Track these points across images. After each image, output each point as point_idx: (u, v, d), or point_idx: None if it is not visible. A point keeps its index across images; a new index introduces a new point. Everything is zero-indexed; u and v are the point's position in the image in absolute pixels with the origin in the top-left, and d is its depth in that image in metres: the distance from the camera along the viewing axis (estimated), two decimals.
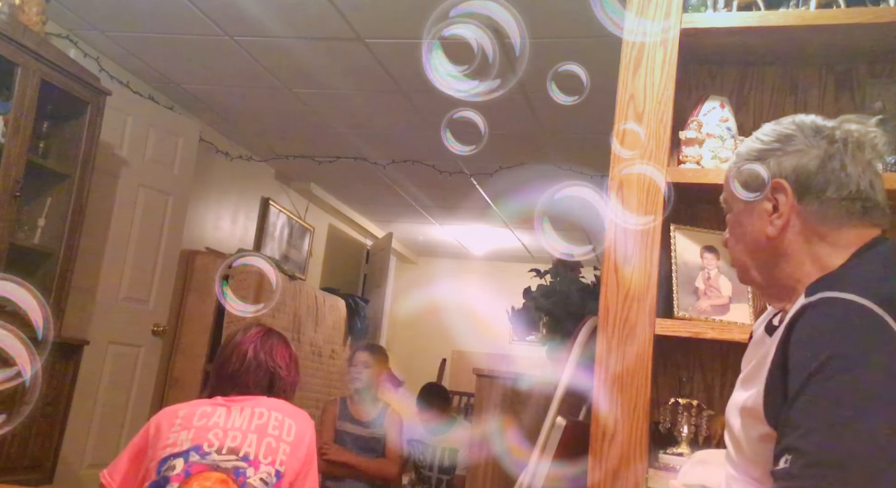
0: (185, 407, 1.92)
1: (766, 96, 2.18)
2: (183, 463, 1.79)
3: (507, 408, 3.32)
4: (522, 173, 5.26)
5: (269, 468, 1.83)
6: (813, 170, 1.15)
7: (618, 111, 1.96)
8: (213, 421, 1.88)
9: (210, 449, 1.82)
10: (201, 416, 1.89)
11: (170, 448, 1.83)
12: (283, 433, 1.91)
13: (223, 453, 1.82)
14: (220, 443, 1.83)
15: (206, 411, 1.91)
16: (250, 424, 1.89)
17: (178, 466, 1.79)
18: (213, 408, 1.92)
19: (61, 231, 3.42)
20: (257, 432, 1.88)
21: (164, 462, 1.81)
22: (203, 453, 1.81)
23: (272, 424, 1.91)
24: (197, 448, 1.82)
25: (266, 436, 1.88)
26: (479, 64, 1.24)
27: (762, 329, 1.24)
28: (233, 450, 1.83)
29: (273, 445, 1.87)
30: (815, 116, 1.21)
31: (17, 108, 3.12)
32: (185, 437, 1.84)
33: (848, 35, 1.93)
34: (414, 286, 9.38)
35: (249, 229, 6.00)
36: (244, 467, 1.81)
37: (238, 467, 1.81)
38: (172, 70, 4.42)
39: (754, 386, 1.11)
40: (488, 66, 1.26)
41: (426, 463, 4.20)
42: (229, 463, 1.81)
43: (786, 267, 1.17)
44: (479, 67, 1.25)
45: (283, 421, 1.93)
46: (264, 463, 1.84)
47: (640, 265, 1.87)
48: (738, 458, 1.17)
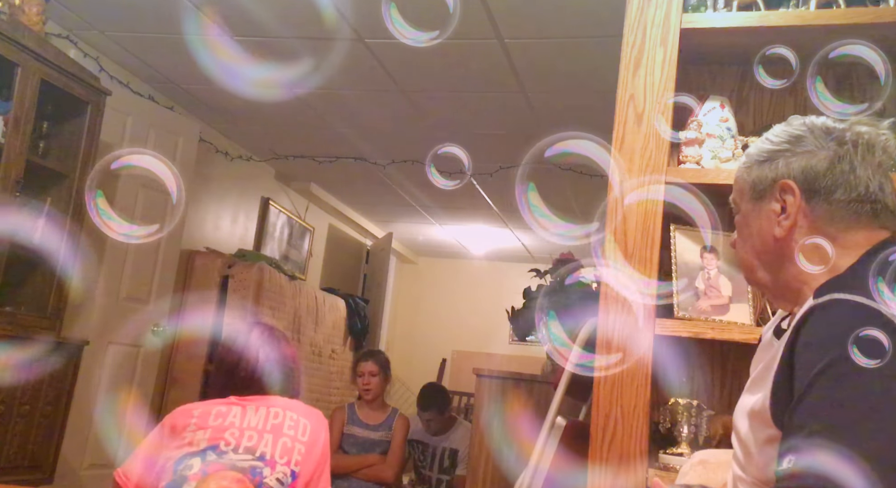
0: (199, 407, 1.92)
1: (766, 96, 2.18)
2: (200, 462, 1.79)
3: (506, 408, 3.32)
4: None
5: (285, 468, 1.84)
6: (821, 171, 1.14)
7: (618, 111, 1.96)
8: (230, 420, 1.88)
9: (227, 448, 1.82)
10: (217, 416, 1.88)
11: (186, 447, 1.82)
12: (299, 433, 1.90)
13: (240, 452, 1.82)
14: (236, 443, 1.83)
15: (221, 411, 1.90)
16: (266, 424, 1.89)
17: (196, 465, 1.79)
18: (229, 408, 1.92)
19: (61, 231, 3.42)
20: (273, 432, 1.88)
21: (180, 461, 1.81)
22: (220, 452, 1.81)
23: (287, 424, 1.91)
24: (214, 447, 1.82)
25: (282, 436, 1.88)
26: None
27: (771, 332, 1.24)
28: (249, 450, 1.83)
29: (289, 445, 1.87)
30: (825, 118, 1.20)
31: (17, 107, 3.12)
32: (201, 437, 1.83)
33: (848, 35, 1.93)
34: (414, 286, 9.39)
35: (249, 229, 6.00)
36: (261, 467, 1.81)
37: (255, 467, 1.81)
38: (172, 70, 4.42)
39: (762, 389, 1.11)
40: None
41: (426, 463, 4.20)
42: (246, 463, 1.81)
43: (793, 268, 1.17)
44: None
45: (297, 420, 1.93)
46: (280, 463, 1.84)
47: (641, 265, 1.87)
48: (745, 461, 1.17)
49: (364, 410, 3.65)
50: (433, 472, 4.17)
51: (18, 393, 3.17)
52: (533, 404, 3.27)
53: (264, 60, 4.02)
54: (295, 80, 4.34)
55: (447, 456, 4.16)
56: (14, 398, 3.15)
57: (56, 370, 3.41)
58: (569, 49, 3.56)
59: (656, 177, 1.91)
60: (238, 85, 3.58)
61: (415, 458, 4.24)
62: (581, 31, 3.40)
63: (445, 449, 4.17)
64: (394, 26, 1.27)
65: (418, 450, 4.23)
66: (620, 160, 1.94)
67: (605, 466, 1.79)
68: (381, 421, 3.63)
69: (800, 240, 1.16)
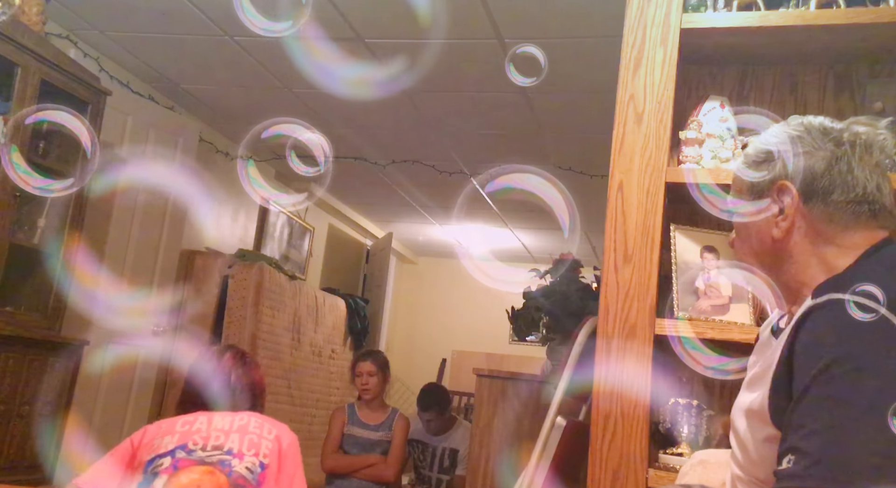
0: (166, 421, 2.03)
1: (766, 96, 2.18)
2: (170, 459, 1.87)
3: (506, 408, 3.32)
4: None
5: (254, 459, 1.91)
6: (819, 172, 1.14)
7: (618, 111, 1.96)
8: (196, 427, 1.97)
9: (195, 447, 1.91)
10: (184, 423, 1.98)
11: (155, 450, 1.91)
12: (265, 432, 1.99)
13: (208, 450, 1.91)
14: (204, 442, 1.92)
15: (188, 419, 2.01)
16: (232, 425, 1.98)
17: (166, 462, 1.87)
18: (195, 417, 2.02)
19: (61, 231, 3.42)
20: (239, 432, 1.97)
21: (150, 463, 1.89)
22: (189, 450, 1.90)
23: (253, 425, 2.00)
24: (182, 447, 1.90)
25: (248, 434, 1.97)
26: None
27: (768, 331, 1.24)
28: (217, 447, 1.92)
29: (255, 440, 1.96)
30: (823, 118, 1.19)
31: (17, 107, 3.12)
32: (169, 440, 1.92)
33: (848, 35, 1.93)
34: (414, 286, 9.38)
35: (249, 229, 6.00)
36: (229, 459, 1.90)
37: (223, 460, 1.89)
38: (172, 70, 4.42)
39: (760, 388, 1.11)
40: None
41: (426, 463, 4.20)
42: (214, 458, 1.89)
43: (791, 268, 1.17)
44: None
45: (263, 424, 2.03)
46: (248, 454, 1.92)
47: (640, 265, 1.87)
48: (743, 460, 1.17)
49: (364, 410, 3.65)
50: (433, 472, 4.17)
51: (18, 393, 3.17)
52: (533, 404, 3.26)
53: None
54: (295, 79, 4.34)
55: (447, 456, 4.16)
56: (14, 398, 3.15)
57: (56, 370, 3.41)
58: (569, 49, 3.56)
59: (656, 177, 1.91)
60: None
61: (415, 458, 4.24)
62: (581, 31, 3.40)
63: (445, 449, 4.17)
64: (245, 16, 1.26)
65: (418, 450, 4.23)
66: (620, 160, 1.94)
67: (605, 466, 1.80)
68: (382, 421, 3.63)
69: (798, 240, 1.16)
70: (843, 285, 1.04)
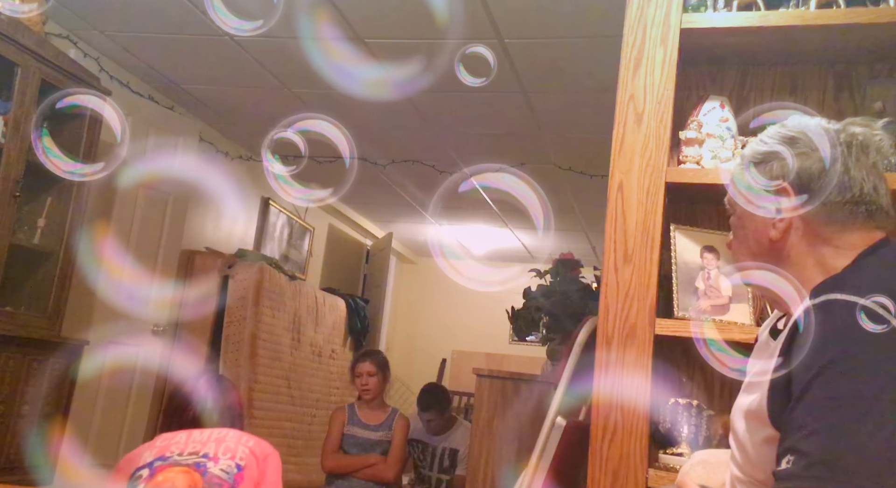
0: (146, 443, 2.08)
1: (766, 96, 2.18)
2: (148, 470, 1.93)
3: (506, 408, 3.32)
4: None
5: (229, 461, 1.95)
6: (816, 173, 1.14)
7: (618, 111, 1.96)
8: (175, 440, 2.02)
9: (171, 454, 1.96)
10: (164, 439, 2.04)
11: (135, 464, 1.97)
12: (242, 441, 2.04)
13: (184, 455, 1.96)
14: (181, 450, 1.98)
15: (167, 436, 2.06)
16: (210, 436, 2.03)
17: (145, 474, 1.93)
18: (174, 433, 2.07)
19: (61, 231, 3.42)
20: (216, 441, 2.01)
21: (132, 475, 1.94)
22: (165, 458, 1.95)
23: (231, 436, 2.05)
24: (160, 457, 1.96)
25: (224, 442, 2.01)
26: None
27: (767, 332, 1.24)
28: (193, 453, 1.97)
29: (232, 446, 2.00)
30: (820, 119, 1.20)
31: (17, 108, 3.12)
32: (148, 454, 1.98)
33: (848, 35, 1.93)
34: (414, 286, 9.38)
35: (249, 229, 6.00)
36: (204, 461, 1.94)
37: (198, 462, 1.94)
38: (172, 70, 4.42)
39: (759, 389, 1.11)
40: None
41: (426, 463, 4.20)
42: (190, 460, 1.93)
43: (788, 269, 1.17)
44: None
45: (241, 436, 2.07)
46: (223, 458, 1.95)
47: (640, 265, 1.87)
48: (742, 461, 1.17)
49: (364, 410, 3.65)
50: (433, 472, 4.17)
51: (18, 393, 3.17)
52: (533, 404, 3.26)
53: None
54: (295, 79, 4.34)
55: (447, 456, 4.16)
56: (14, 398, 3.15)
57: (56, 370, 3.41)
58: (569, 49, 3.56)
59: (656, 177, 1.91)
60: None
61: (415, 458, 4.24)
62: (581, 31, 3.40)
63: (445, 449, 4.17)
64: (216, 14, 1.27)
65: (418, 450, 4.23)
66: (621, 160, 1.94)
67: (605, 466, 1.80)
68: (382, 421, 3.63)
69: (795, 241, 1.16)
70: (841, 286, 1.05)
